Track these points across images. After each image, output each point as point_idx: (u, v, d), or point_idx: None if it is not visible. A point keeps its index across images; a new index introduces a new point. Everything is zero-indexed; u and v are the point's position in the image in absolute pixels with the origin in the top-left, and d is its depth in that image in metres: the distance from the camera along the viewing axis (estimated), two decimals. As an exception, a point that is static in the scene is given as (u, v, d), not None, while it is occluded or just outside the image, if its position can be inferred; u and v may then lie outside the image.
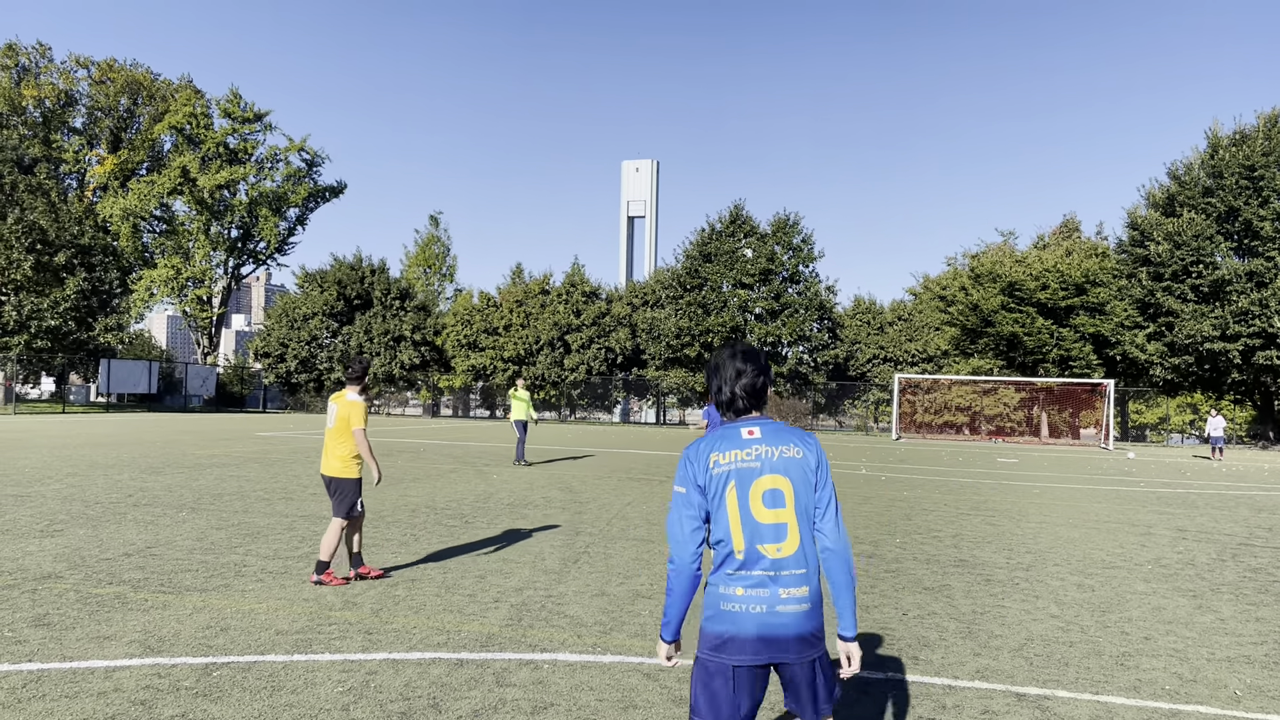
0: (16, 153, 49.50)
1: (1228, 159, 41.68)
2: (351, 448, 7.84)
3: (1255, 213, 40.34)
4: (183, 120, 58.95)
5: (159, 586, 7.30)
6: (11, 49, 57.24)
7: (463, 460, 20.68)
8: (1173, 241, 42.17)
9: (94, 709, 4.61)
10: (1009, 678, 5.57)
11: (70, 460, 17.99)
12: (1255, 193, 40.80)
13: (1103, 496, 16.88)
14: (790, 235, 49.86)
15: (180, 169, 57.40)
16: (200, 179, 57.55)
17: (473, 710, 4.75)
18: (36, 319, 47.80)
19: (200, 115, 59.86)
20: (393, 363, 56.37)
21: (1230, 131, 43.13)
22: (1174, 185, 44.31)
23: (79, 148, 60.00)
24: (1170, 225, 42.44)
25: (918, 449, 33.62)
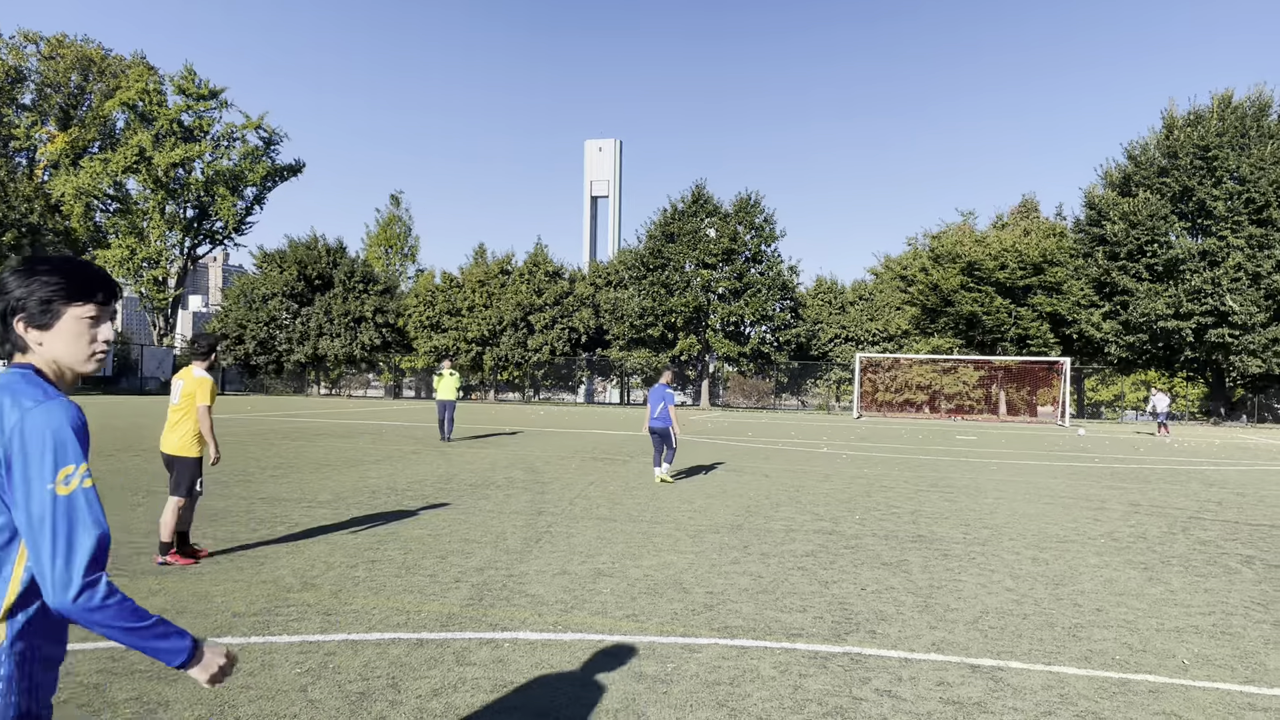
0: (-38, 130, 48.19)
1: (1182, 139, 42.36)
2: (194, 426, 7.66)
3: (1208, 193, 41.04)
4: (135, 97, 57.72)
5: (114, 570, 7.19)
6: (-44, 23, 55.59)
7: (424, 441, 20.58)
8: (1128, 221, 42.82)
9: (45, 694, 4.55)
10: (964, 650, 5.66)
11: (22, 444, 17.65)
12: (1209, 173, 41.50)
13: (1058, 472, 17.17)
14: (752, 215, 49.98)
15: (136, 147, 56.27)
16: (155, 157, 56.46)
17: (432, 690, 4.75)
18: (-14, 300, 46.81)
19: (154, 92, 58.64)
20: (354, 344, 55.89)
21: (1185, 112, 43.79)
22: (1130, 165, 44.98)
23: (28, 125, 58.59)
24: (1126, 205, 43.09)
25: (878, 427, 33.96)
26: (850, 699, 4.78)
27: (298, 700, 4.55)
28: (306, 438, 20.73)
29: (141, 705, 4.43)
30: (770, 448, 21.46)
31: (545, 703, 4.61)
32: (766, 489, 13.41)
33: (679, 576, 7.47)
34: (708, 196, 50.75)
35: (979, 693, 4.92)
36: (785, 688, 4.92)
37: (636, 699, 4.70)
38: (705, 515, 10.75)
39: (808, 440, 24.55)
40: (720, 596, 6.84)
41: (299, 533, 8.95)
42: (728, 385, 56.48)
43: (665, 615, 6.28)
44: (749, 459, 18.25)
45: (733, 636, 5.81)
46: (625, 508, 11.18)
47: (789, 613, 6.44)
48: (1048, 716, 4.60)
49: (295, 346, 56.96)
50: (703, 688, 4.88)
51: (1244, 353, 41.08)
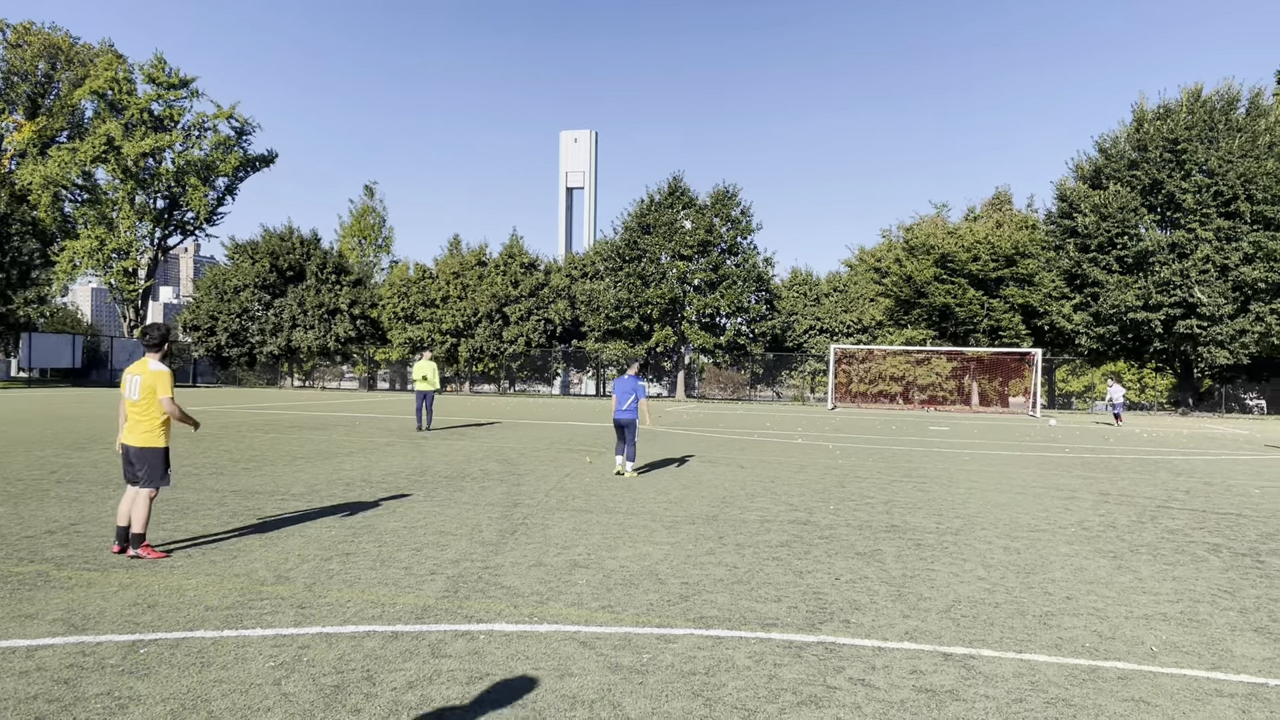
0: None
1: (1152, 133, 42.78)
2: (158, 417, 7.59)
3: (1177, 185, 41.49)
4: (104, 86, 56.89)
5: (83, 564, 7.13)
6: (-82, 9, 54.60)
7: (399, 433, 20.49)
8: (1099, 213, 43.23)
9: (15, 688, 4.50)
10: (937, 638, 5.72)
11: (-11, 437, 17.42)
12: (1178, 166, 41.95)
13: (1030, 463, 17.34)
14: (729, 207, 50.01)
15: (104, 136, 55.47)
16: (124, 147, 55.70)
17: (407, 682, 4.74)
18: (-49, 292, 46.12)
19: (123, 81, 57.82)
20: (327, 335, 55.50)
21: (1155, 106, 44.22)
22: (1101, 158, 45.38)
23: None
24: (1097, 197, 43.49)
25: (852, 418, 34.15)
26: (825, 688, 4.82)
27: (271, 694, 4.53)
28: (280, 430, 20.58)
29: (113, 700, 4.40)
30: (745, 439, 21.53)
31: (521, 694, 4.61)
32: (742, 480, 13.45)
33: (655, 567, 7.49)
34: (684, 188, 50.74)
35: (951, 680, 4.97)
36: (760, 677, 4.95)
37: (613, 689, 4.71)
38: (681, 506, 10.77)
39: (782, 431, 24.64)
40: (696, 587, 6.86)
41: (272, 526, 8.90)
42: (703, 377, 56.59)
43: (641, 606, 6.30)
44: (724, 450, 18.30)
45: (708, 627, 5.84)
46: (601, 499, 11.19)
47: (764, 603, 6.48)
48: (1019, 704, 4.66)
49: (268, 338, 56.47)
50: (678, 678, 4.90)
51: (1212, 344, 41.61)
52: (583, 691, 4.68)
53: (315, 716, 4.26)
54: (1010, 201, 54.92)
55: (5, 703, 4.33)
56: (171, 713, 4.26)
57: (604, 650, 5.33)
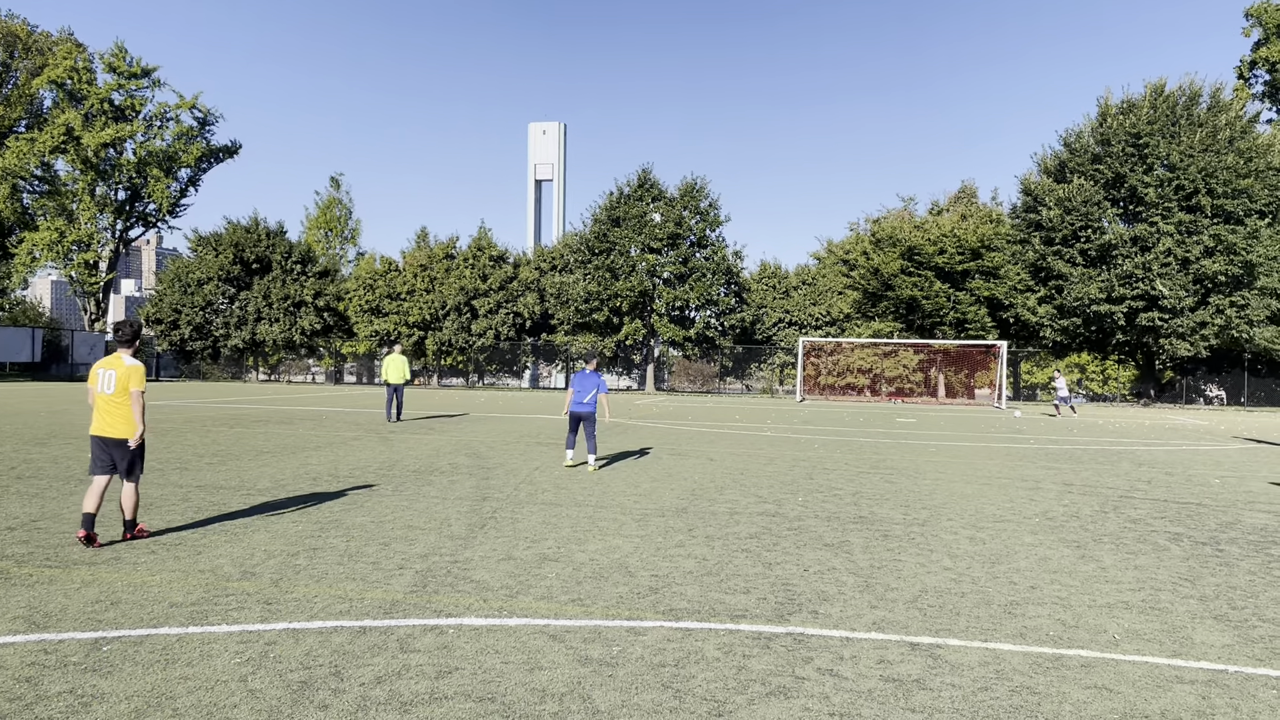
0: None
1: (1115, 127, 43.29)
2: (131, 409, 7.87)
3: (1140, 179, 42.04)
4: (63, 75, 55.88)
5: (45, 560, 7.02)
6: None
7: (367, 427, 20.35)
8: (1063, 207, 43.71)
9: (-26, 689, 4.43)
10: (904, 628, 5.77)
11: (-54, 432, 17.10)
12: (1140, 160, 42.50)
13: (995, 454, 17.53)
14: (698, 199, 50.05)
15: (64, 126, 54.51)
16: (84, 137, 54.77)
17: (375, 677, 4.71)
18: (-94, 284, 45.17)
19: (83, 70, 56.81)
20: (293, 329, 54.96)
21: (1119, 100, 44.75)
22: (1066, 152, 45.87)
23: (-51, 102, 56.44)
24: (1061, 191, 43.96)
25: (821, 410, 34.35)
26: (793, 678, 4.85)
27: (238, 690, 4.49)
28: (245, 425, 20.37)
29: (75, 698, 4.34)
30: (715, 431, 21.59)
31: (491, 688, 4.61)
32: (711, 472, 13.50)
33: (624, 560, 7.50)
34: (653, 181, 50.70)
35: (918, 670, 5.02)
36: (729, 669, 4.97)
37: (583, 682, 4.71)
38: (650, 499, 10.79)
39: (752, 423, 24.74)
40: (665, 579, 6.88)
41: (238, 521, 8.81)
42: (672, 370, 56.66)
43: (611, 599, 6.30)
44: (694, 443, 18.34)
45: (678, 619, 5.85)
46: (571, 492, 11.18)
47: (733, 594, 6.50)
48: (984, 692, 4.72)
49: (233, 331, 55.83)
50: (648, 670, 4.91)
51: (1173, 336, 42.24)
52: (553, 684, 4.68)
53: (283, 713, 4.23)
54: (975, 195, 55.38)
55: (-36, 702, 4.26)
56: (135, 710, 4.21)
57: (574, 643, 5.33)
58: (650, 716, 4.30)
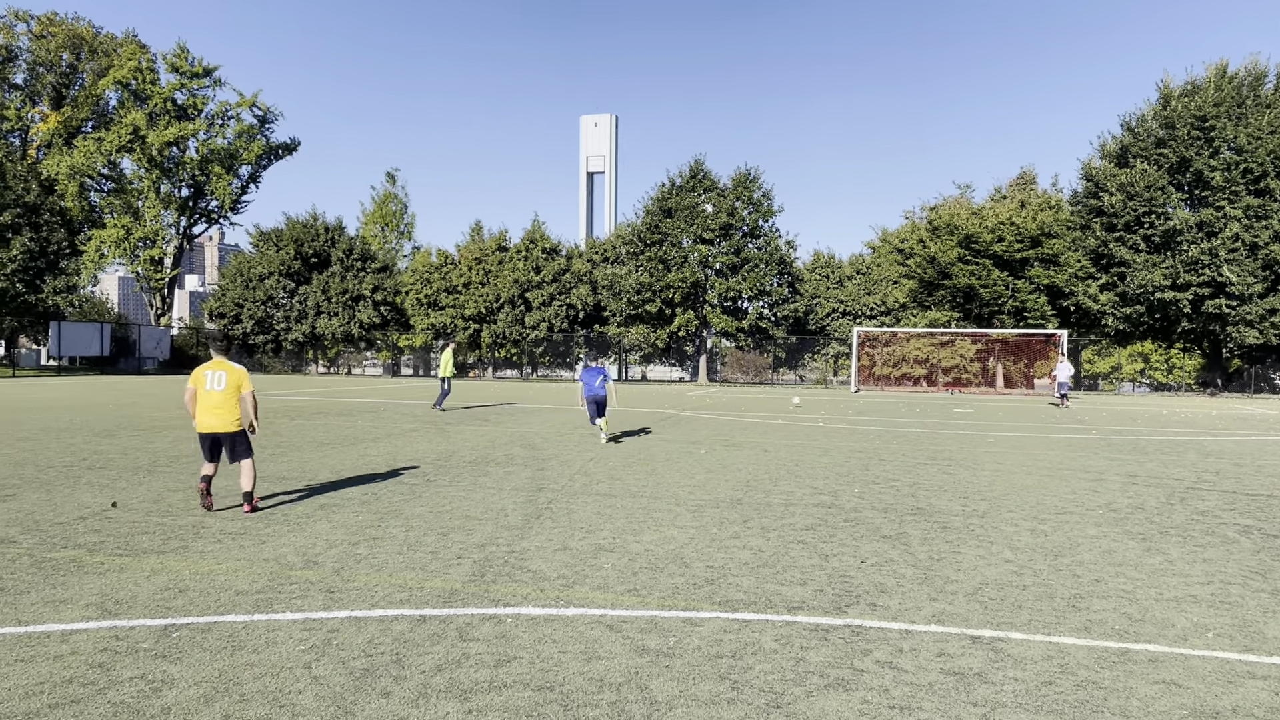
0: (-46, 110, 47.86)
1: (1180, 110, 42.14)
2: (239, 405, 9.03)
3: (1206, 163, 40.90)
4: (128, 76, 57.26)
5: (115, 549, 7.22)
6: (-55, 1, 55.16)
7: (423, 419, 20.60)
8: (1126, 192, 42.70)
9: (50, 672, 4.57)
10: (964, 621, 5.69)
11: (22, 424, 17.66)
12: (1206, 143, 41.34)
13: (1056, 444, 17.21)
14: (750, 190, 49.76)
15: (129, 126, 55.87)
16: (149, 136, 56.09)
17: (436, 665, 4.77)
18: (-18, 281, 46.65)
19: (146, 70, 58.17)
20: (352, 322, 55.78)
21: (1182, 83, 43.56)
22: (1127, 137, 44.77)
23: (20, 104, 58.16)
24: (1123, 176, 42.94)
25: (876, 401, 34.01)
26: (852, 671, 4.81)
27: (302, 677, 4.57)
28: (305, 416, 20.74)
29: (146, 683, 4.46)
30: (769, 422, 21.49)
31: (549, 677, 4.64)
32: (765, 464, 13.44)
33: (680, 551, 7.50)
34: (705, 172, 50.50)
35: (979, 663, 4.95)
36: (787, 660, 4.95)
37: (640, 672, 4.73)
38: (705, 490, 10.77)
39: (806, 415, 24.57)
40: (721, 571, 6.87)
41: (300, 511, 8.97)
42: (725, 361, 56.48)
43: (666, 590, 6.31)
44: (747, 434, 18.27)
45: (734, 610, 5.84)
46: (625, 483, 11.20)
47: (789, 586, 6.47)
48: (1048, 686, 4.64)
49: (293, 325, 56.85)
50: (705, 661, 4.91)
51: (1241, 323, 41.06)
52: (610, 674, 4.70)
53: (345, 699, 4.30)
54: (1035, 181, 54.29)
55: (42, 686, 4.39)
56: (204, 696, 4.32)
57: (630, 634, 5.35)
58: (708, 707, 4.30)
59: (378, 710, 4.19)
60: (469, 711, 4.20)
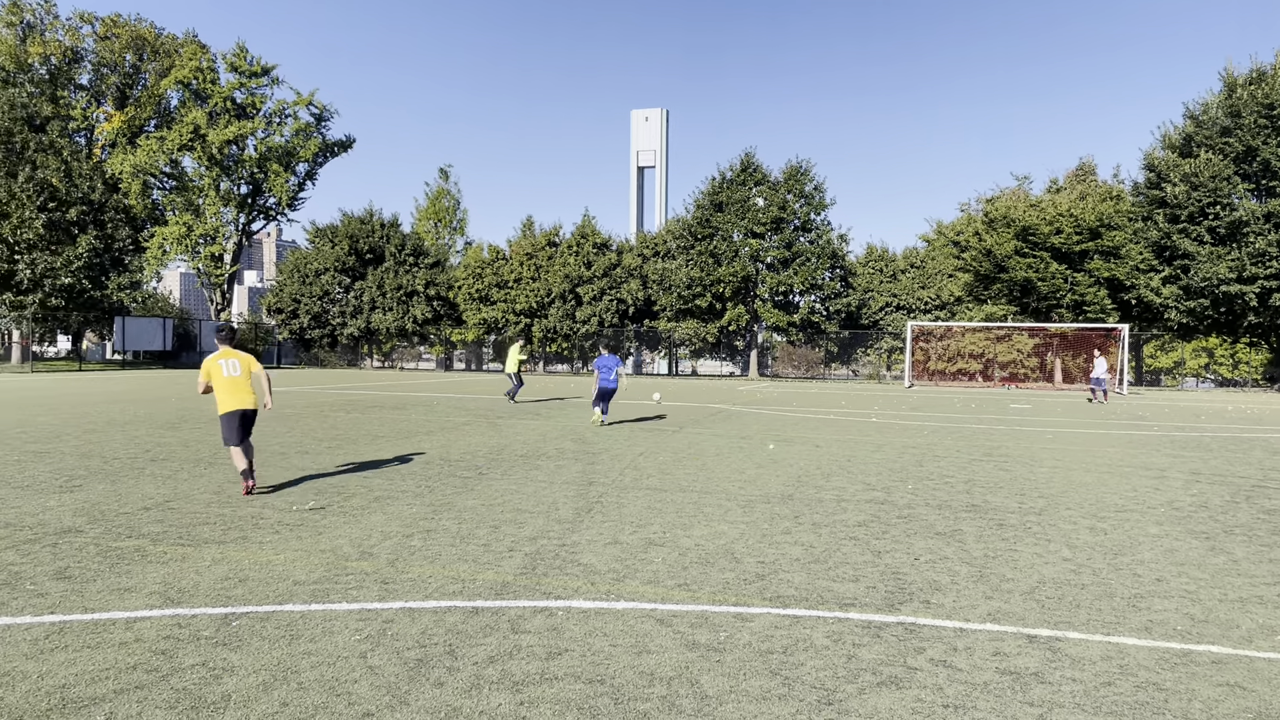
0: (26, 110, 49.26)
1: (1245, 98, 40.99)
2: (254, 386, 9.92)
3: (1274, 152, 39.74)
4: (189, 75, 58.48)
5: (177, 539, 7.39)
6: (16, 5, 56.74)
7: (476, 413, 20.78)
8: (1189, 183, 41.65)
9: (115, 659, 4.69)
10: (1020, 620, 5.61)
11: (88, 417, 18.16)
12: (1274, 131, 40.16)
13: (1116, 441, 16.86)
14: (802, 183, 49.41)
15: (190, 125, 57.08)
16: (209, 134, 57.24)
17: (488, 656, 4.82)
18: (50, 277, 47.99)
19: (206, 70, 59.35)
20: (405, 317, 56.45)
21: (1247, 70, 42.35)
22: (1191, 126, 43.68)
23: (85, 104, 59.69)
24: (1187, 166, 41.90)
25: (930, 396, 33.60)
26: (905, 669, 4.76)
27: (358, 666, 4.64)
28: (360, 410, 21.04)
29: (208, 670, 4.56)
30: (820, 418, 21.34)
31: (600, 670, 4.66)
32: (817, 459, 13.35)
33: (730, 546, 7.48)
34: (756, 165, 50.26)
35: (1036, 663, 4.87)
36: (839, 657, 4.92)
37: (690, 667, 4.72)
38: (756, 485, 10.73)
39: (858, 410, 24.36)
40: (772, 566, 6.84)
41: (355, 503, 9.11)
42: (776, 355, 56.20)
43: (717, 584, 6.30)
44: (799, 429, 18.17)
45: (785, 606, 5.81)
46: (675, 478, 11.20)
47: (841, 582, 6.42)
48: (1107, 687, 4.55)
49: (348, 320, 57.70)
50: (756, 656, 4.89)
51: (1311, 317, 39.89)
52: (660, 668, 4.70)
53: (400, 689, 4.36)
54: (1095, 172, 53.21)
55: (107, 672, 4.52)
56: (263, 683, 4.40)
57: (681, 628, 5.35)
58: (759, 703, 4.29)
59: (431, 700, 4.24)
60: (521, 703, 4.24)
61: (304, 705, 4.16)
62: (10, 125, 47.90)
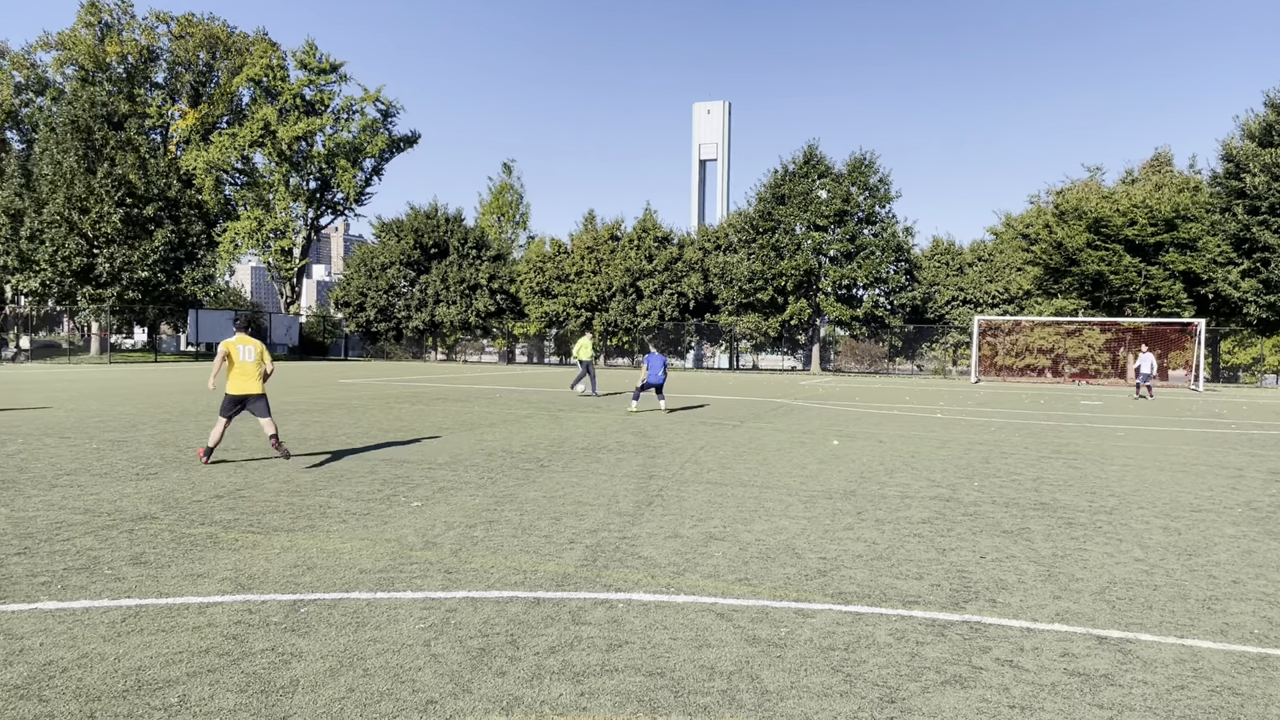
0: (105, 109, 50.83)
1: (1334, 84, 39.45)
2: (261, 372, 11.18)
3: (1363, 141, 38.24)
4: (260, 73, 59.81)
5: (248, 526, 7.57)
6: (94, 6, 58.55)
7: (537, 405, 20.94)
8: (1270, 173, 40.26)
9: (189, 643, 4.82)
10: (1090, 621, 5.48)
11: (163, 407, 18.69)
12: (1363, 120, 38.63)
13: (1191, 439, 16.39)
14: (866, 175, 48.84)
15: (261, 121, 58.36)
16: (279, 131, 58.47)
17: (549, 647, 4.85)
18: (128, 271, 49.48)
19: (277, 68, 60.65)
20: (468, 310, 57.09)
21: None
22: (1272, 114, 42.20)
23: (161, 102, 61.36)
24: (1268, 156, 40.50)
25: (997, 392, 33.01)
26: (970, 668, 4.69)
27: (422, 654, 4.71)
28: (425, 402, 21.34)
29: (277, 655, 4.66)
30: (883, 413, 21.10)
31: (660, 663, 4.66)
32: (880, 455, 13.20)
33: (791, 541, 7.44)
34: (820, 157, 49.79)
35: (1106, 665, 4.76)
36: (902, 655, 4.86)
37: (751, 661, 4.71)
38: (817, 480, 10.65)
39: (923, 405, 24.03)
40: (834, 562, 6.78)
41: (420, 493, 9.24)
42: (839, 350, 55.69)
43: (778, 580, 6.27)
44: (861, 424, 17.98)
45: (847, 602, 5.76)
46: (736, 472, 11.17)
47: (905, 580, 6.35)
48: (1180, 691, 4.43)
49: (413, 313, 58.53)
50: (818, 653, 4.86)
51: (1401, 312, 38.33)
52: (721, 662, 4.69)
53: (463, 677, 4.41)
54: (1170, 163, 51.72)
55: (181, 655, 4.65)
56: (330, 669, 4.49)
57: (741, 623, 5.33)
58: (820, 699, 4.26)
59: (494, 689, 4.29)
60: (582, 693, 4.26)
61: (369, 691, 4.24)
62: (90, 123, 49.42)
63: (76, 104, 49.80)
